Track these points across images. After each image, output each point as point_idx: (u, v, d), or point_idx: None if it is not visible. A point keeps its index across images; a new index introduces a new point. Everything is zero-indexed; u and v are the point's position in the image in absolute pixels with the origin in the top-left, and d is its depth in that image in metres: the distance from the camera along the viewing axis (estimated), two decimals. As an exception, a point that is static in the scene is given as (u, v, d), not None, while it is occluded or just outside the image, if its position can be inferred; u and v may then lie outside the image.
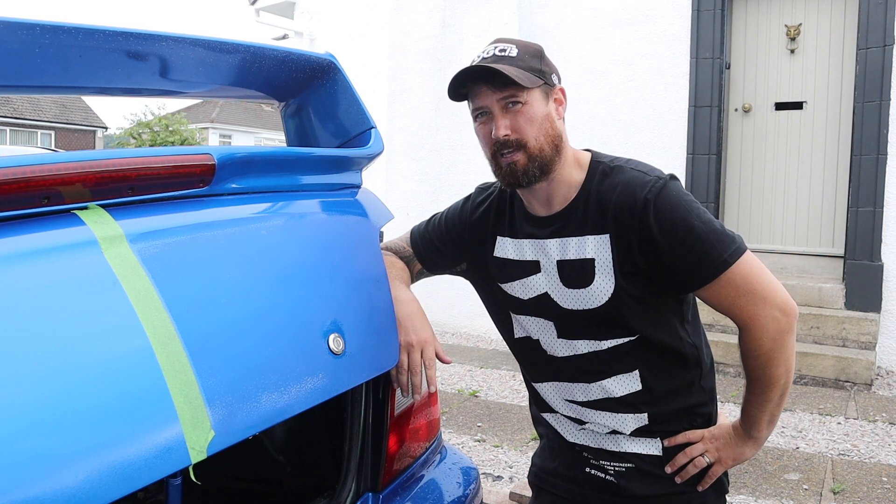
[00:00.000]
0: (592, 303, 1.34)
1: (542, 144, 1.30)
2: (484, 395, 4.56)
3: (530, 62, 1.31)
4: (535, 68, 1.30)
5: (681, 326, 1.37)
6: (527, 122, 1.29)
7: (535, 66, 1.31)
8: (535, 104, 1.30)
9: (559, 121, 1.35)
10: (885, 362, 4.77)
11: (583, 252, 1.34)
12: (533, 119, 1.29)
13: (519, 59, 1.30)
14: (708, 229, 1.27)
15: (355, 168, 1.52)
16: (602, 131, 5.63)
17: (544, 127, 1.30)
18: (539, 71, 1.31)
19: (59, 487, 0.82)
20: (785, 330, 1.28)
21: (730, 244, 1.27)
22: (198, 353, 1.00)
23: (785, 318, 1.27)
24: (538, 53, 1.34)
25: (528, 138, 1.29)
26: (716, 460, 1.38)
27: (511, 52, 1.30)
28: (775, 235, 5.40)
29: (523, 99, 1.28)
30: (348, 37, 6.90)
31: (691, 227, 1.26)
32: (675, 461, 1.39)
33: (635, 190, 1.29)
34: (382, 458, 1.49)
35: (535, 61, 1.32)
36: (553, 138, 1.32)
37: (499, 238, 1.47)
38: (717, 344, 4.77)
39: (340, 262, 1.35)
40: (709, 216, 1.29)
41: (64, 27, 1.08)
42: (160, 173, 1.11)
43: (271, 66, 1.42)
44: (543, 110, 1.31)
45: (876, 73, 4.72)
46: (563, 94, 1.37)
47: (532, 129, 1.29)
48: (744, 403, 1.37)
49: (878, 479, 3.17)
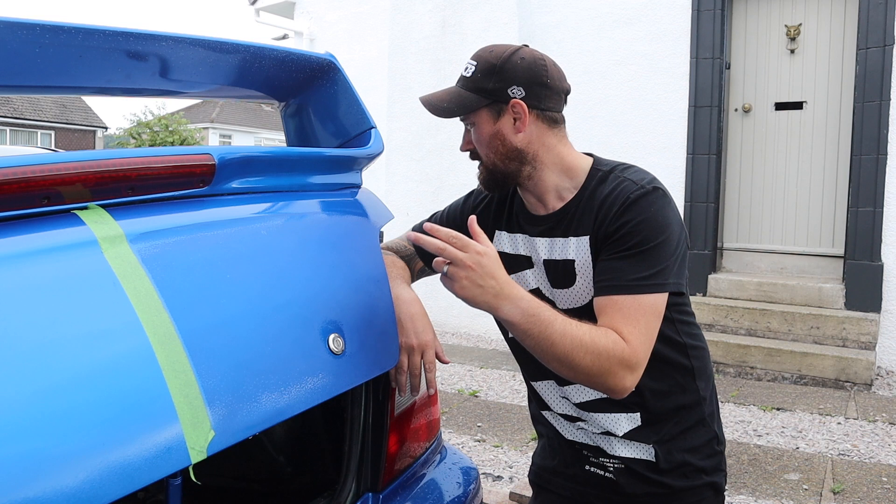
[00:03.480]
0: (578, 301, 1.36)
1: (493, 160, 1.37)
2: (484, 395, 4.56)
3: (480, 82, 1.33)
4: (481, 88, 1.33)
5: (670, 326, 1.36)
6: (477, 141, 1.38)
7: (483, 87, 1.33)
8: (482, 125, 1.36)
9: (517, 134, 1.34)
10: (885, 362, 4.77)
11: (565, 253, 1.36)
12: (480, 139, 1.37)
13: (472, 79, 1.35)
14: (656, 254, 1.26)
15: (355, 168, 1.52)
16: (602, 131, 5.63)
17: (493, 145, 1.36)
18: (485, 90, 1.33)
19: (59, 487, 0.82)
20: (619, 368, 1.22)
21: (657, 276, 1.26)
22: (198, 353, 1.00)
23: (623, 365, 1.22)
24: (492, 69, 1.32)
25: (481, 155, 1.39)
26: (452, 277, 1.20)
27: (468, 71, 1.36)
28: (775, 235, 5.40)
29: (471, 120, 1.37)
30: (348, 37, 6.90)
31: (646, 241, 1.26)
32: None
33: (623, 192, 1.30)
34: (382, 458, 1.49)
35: (486, 80, 1.33)
36: (505, 154, 1.35)
37: (497, 232, 1.49)
38: (717, 344, 4.78)
39: (340, 262, 1.35)
40: (670, 248, 1.28)
41: (64, 27, 1.08)
42: (160, 173, 1.11)
43: (271, 66, 1.42)
44: (490, 129, 1.35)
45: (876, 73, 4.72)
46: (522, 107, 1.33)
47: (482, 148, 1.38)
48: (561, 312, 1.26)
49: (878, 479, 3.17)
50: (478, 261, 1.19)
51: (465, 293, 1.20)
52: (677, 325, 1.38)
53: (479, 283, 1.19)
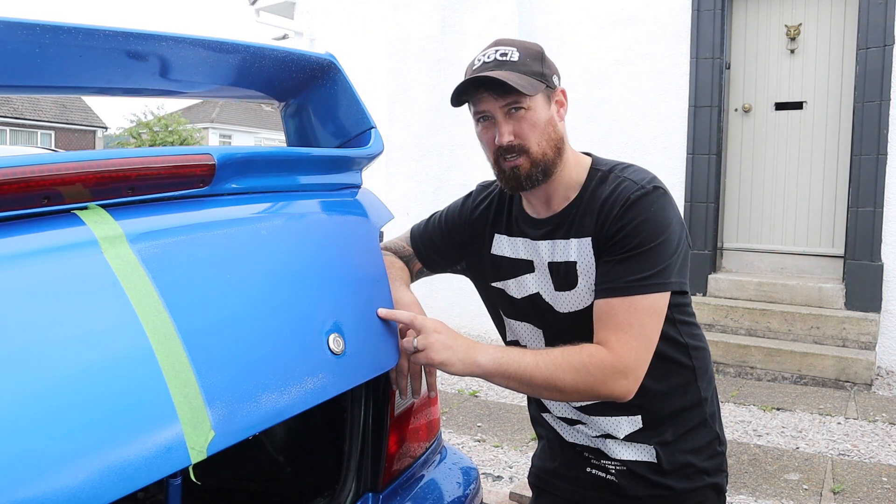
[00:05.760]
0: (579, 304, 1.35)
1: (544, 149, 1.31)
2: (484, 395, 4.56)
3: (532, 66, 1.30)
4: (536, 72, 1.30)
5: (672, 327, 1.36)
6: (530, 127, 1.30)
7: (537, 70, 1.30)
8: (538, 109, 1.30)
9: (560, 123, 1.35)
10: (885, 362, 4.77)
11: (567, 255, 1.36)
12: (536, 124, 1.30)
13: (521, 63, 1.29)
14: (656, 254, 1.26)
15: (355, 168, 1.52)
16: (602, 131, 5.63)
17: (547, 131, 1.31)
18: (540, 74, 1.31)
19: (59, 487, 0.82)
20: (607, 376, 1.23)
21: (658, 276, 1.26)
22: (198, 353, 1.00)
23: (609, 372, 1.23)
24: (539, 56, 1.33)
25: (530, 144, 1.30)
26: (424, 347, 1.25)
27: (513, 55, 1.30)
28: (775, 235, 5.40)
29: (526, 105, 1.29)
30: (348, 37, 6.90)
31: (647, 241, 1.26)
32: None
33: (624, 193, 1.30)
34: (382, 459, 1.49)
35: (537, 64, 1.31)
36: (555, 142, 1.33)
37: (496, 235, 1.48)
38: (717, 344, 4.78)
39: (340, 262, 1.35)
40: (671, 247, 1.28)
41: (64, 27, 1.08)
42: (160, 173, 1.11)
43: (271, 66, 1.42)
44: (546, 115, 1.31)
45: (876, 73, 4.72)
46: (565, 95, 1.37)
47: (535, 135, 1.30)
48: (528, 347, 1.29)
49: (878, 479, 3.17)
50: (440, 325, 1.27)
51: (441, 356, 1.25)
52: (679, 326, 1.38)
53: (450, 343, 1.26)
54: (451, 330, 1.29)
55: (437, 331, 1.27)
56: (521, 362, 1.25)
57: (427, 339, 1.26)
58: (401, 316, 1.30)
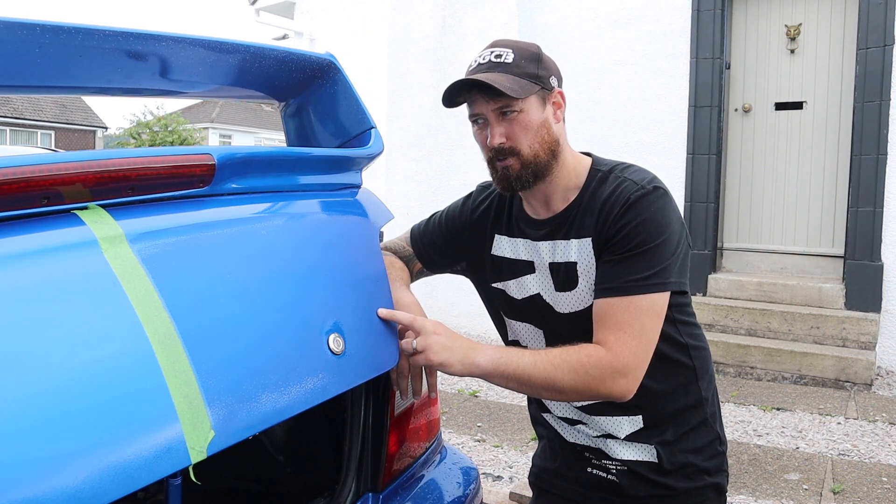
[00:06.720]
0: (580, 305, 1.35)
1: (536, 151, 1.31)
2: (484, 395, 4.56)
3: (526, 68, 1.30)
4: (530, 74, 1.30)
5: (672, 327, 1.36)
6: (521, 130, 1.30)
7: (531, 72, 1.30)
8: (531, 111, 1.30)
9: (557, 124, 1.35)
10: (885, 362, 4.77)
11: (567, 255, 1.36)
12: (527, 127, 1.30)
13: (514, 65, 1.29)
14: (656, 254, 1.26)
15: (355, 168, 1.52)
16: (602, 131, 5.63)
17: (539, 134, 1.31)
18: (535, 76, 1.30)
19: (59, 487, 0.82)
20: (606, 376, 1.23)
21: (658, 276, 1.26)
22: (198, 353, 1.00)
23: (608, 372, 1.23)
24: (535, 57, 1.32)
25: (522, 146, 1.30)
26: (424, 348, 1.26)
27: (507, 57, 1.30)
28: (775, 235, 5.40)
29: (518, 107, 1.29)
30: (348, 37, 6.90)
31: (647, 241, 1.26)
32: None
33: (624, 193, 1.30)
34: (382, 459, 1.49)
35: (532, 66, 1.30)
36: (549, 144, 1.32)
37: (496, 236, 1.48)
38: (717, 344, 4.78)
39: (340, 262, 1.35)
40: (671, 247, 1.28)
41: (64, 27, 1.08)
42: (160, 173, 1.11)
43: (271, 66, 1.42)
44: (539, 117, 1.31)
45: (876, 73, 4.72)
46: (562, 96, 1.36)
47: (526, 137, 1.30)
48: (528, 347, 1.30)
49: (878, 479, 3.17)
50: (439, 326, 1.27)
51: (439, 357, 1.25)
52: (679, 326, 1.38)
53: (449, 345, 1.26)
54: (450, 331, 1.29)
55: (436, 332, 1.27)
56: (520, 363, 1.25)
57: (426, 341, 1.26)
58: (400, 317, 1.30)
